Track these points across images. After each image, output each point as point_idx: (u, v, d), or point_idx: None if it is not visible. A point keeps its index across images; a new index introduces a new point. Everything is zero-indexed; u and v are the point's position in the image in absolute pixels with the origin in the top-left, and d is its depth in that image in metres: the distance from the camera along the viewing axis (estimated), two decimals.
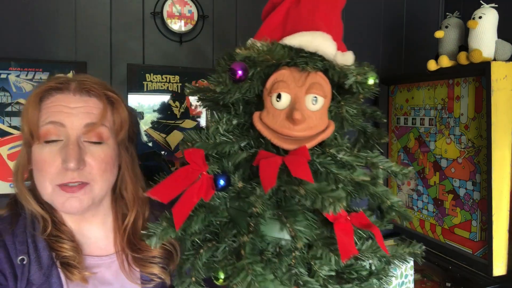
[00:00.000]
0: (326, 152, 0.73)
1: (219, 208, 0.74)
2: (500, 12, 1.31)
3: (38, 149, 0.81)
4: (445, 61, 1.40)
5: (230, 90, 0.71)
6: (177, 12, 1.52)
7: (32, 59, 1.38)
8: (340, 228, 0.69)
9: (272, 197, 0.72)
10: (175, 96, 1.55)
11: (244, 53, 0.71)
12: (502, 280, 1.30)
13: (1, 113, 1.36)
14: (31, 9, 1.38)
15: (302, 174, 0.65)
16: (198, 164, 0.70)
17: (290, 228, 0.68)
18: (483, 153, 1.32)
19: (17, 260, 0.80)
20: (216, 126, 0.74)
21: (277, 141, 0.72)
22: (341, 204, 0.63)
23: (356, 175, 0.71)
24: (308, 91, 0.73)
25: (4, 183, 1.38)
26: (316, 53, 0.74)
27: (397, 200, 0.76)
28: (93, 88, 0.85)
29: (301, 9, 0.77)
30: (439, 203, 1.54)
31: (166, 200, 0.67)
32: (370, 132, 0.83)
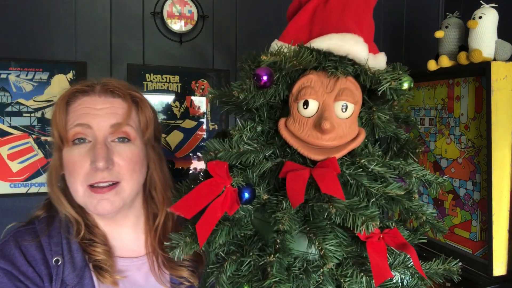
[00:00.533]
0: (357, 162, 0.68)
1: (244, 221, 0.72)
2: (500, 12, 1.30)
3: (67, 152, 0.83)
4: (445, 61, 1.40)
5: (255, 96, 0.67)
6: (177, 12, 1.52)
7: (32, 59, 1.38)
8: (373, 248, 0.65)
9: (299, 211, 0.68)
10: (175, 96, 1.55)
11: (270, 60, 0.67)
12: (502, 280, 1.30)
13: (1, 113, 1.36)
14: (31, 9, 1.38)
15: (332, 190, 0.61)
16: (222, 177, 0.67)
17: (319, 247, 0.64)
18: (483, 153, 1.32)
19: (52, 261, 0.81)
20: (240, 134, 0.70)
21: (304, 150, 0.68)
22: (374, 223, 0.60)
23: (390, 189, 0.66)
24: (338, 98, 0.68)
25: (4, 183, 1.38)
26: (345, 56, 0.69)
27: (431, 212, 0.72)
28: (117, 89, 0.86)
29: (330, 8, 0.72)
30: (439, 203, 1.54)
31: (189, 215, 0.65)
32: (403, 140, 0.77)
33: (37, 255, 0.82)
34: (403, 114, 0.80)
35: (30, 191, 1.42)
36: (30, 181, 1.41)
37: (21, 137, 1.39)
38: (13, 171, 1.39)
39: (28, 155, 1.40)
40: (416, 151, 0.76)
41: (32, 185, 1.42)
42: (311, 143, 0.68)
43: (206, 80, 1.58)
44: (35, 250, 0.82)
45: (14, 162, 1.39)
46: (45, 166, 1.43)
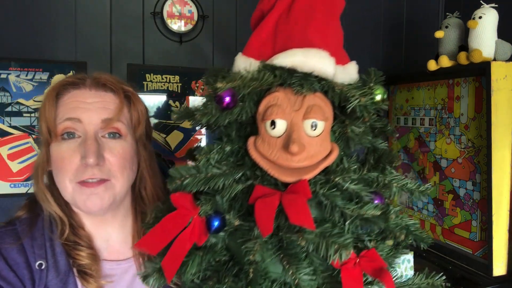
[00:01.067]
0: (331, 180, 0.65)
1: (217, 247, 0.68)
2: (500, 12, 1.31)
3: (56, 147, 0.80)
4: (445, 61, 1.40)
5: (218, 118, 0.65)
6: (177, 12, 1.52)
7: (32, 59, 1.38)
8: (348, 275, 0.62)
9: (273, 237, 0.64)
10: (175, 96, 1.55)
11: (227, 86, 0.63)
12: (502, 280, 1.30)
13: (1, 113, 1.36)
14: (31, 9, 1.38)
15: (302, 221, 0.58)
16: (188, 208, 0.64)
17: (292, 276, 0.61)
18: (483, 153, 1.32)
19: (35, 265, 0.77)
20: (206, 158, 0.66)
21: (275, 172, 0.64)
22: (347, 252, 0.57)
23: (365, 210, 0.62)
24: (306, 116, 0.64)
25: (4, 183, 1.38)
26: (312, 73, 0.65)
27: (412, 223, 0.70)
28: (109, 82, 0.84)
29: (293, 20, 0.68)
30: (439, 203, 1.54)
31: (155, 252, 0.63)
32: (380, 152, 0.74)
33: (19, 258, 0.77)
34: (379, 123, 0.75)
35: (30, 191, 1.42)
36: (30, 181, 1.41)
37: (21, 137, 1.39)
38: (13, 171, 1.39)
39: (28, 155, 1.40)
40: (393, 165, 0.72)
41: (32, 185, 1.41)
42: (281, 165, 0.64)
43: None
44: (17, 254, 0.78)
45: (14, 162, 1.39)
46: None
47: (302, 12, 0.67)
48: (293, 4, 0.68)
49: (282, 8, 0.68)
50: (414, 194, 0.71)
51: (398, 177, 0.70)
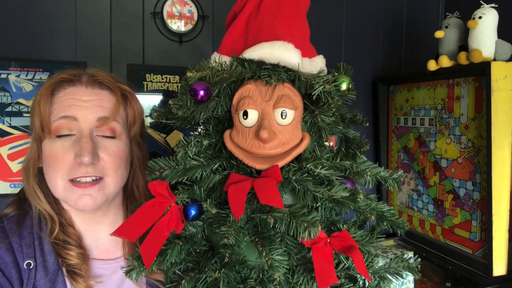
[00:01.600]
0: (303, 167, 0.67)
1: (197, 237, 0.70)
2: (500, 12, 1.30)
3: (49, 144, 0.79)
4: (445, 61, 1.40)
5: (194, 112, 0.67)
6: (177, 12, 1.52)
7: (32, 59, 1.38)
8: (318, 254, 0.65)
9: (248, 222, 0.67)
10: (175, 96, 1.55)
11: (197, 76, 0.66)
12: (502, 280, 1.30)
13: (1, 113, 1.36)
14: (31, 9, 1.38)
15: (271, 200, 0.60)
16: (165, 196, 0.66)
17: (266, 257, 0.63)
18: (483, 153, 1.32)
19: (23, 264, 0.76)
20: (184, 151, 0.69)
21: (248, 161, 0.67)
22: (316, 229, 0.59)
23: (334, 192, 0.65)
24: (276, 105, 0.67)
25: (4, 183, 1.38)
26: (279, 64, 0.69)
27: (387, 209, 0.72)
28: (106, 80, 0.82)
29: (261, 17, 0.72)
30: (439, 203, 1.54)
31: (133, 238, 0.64)
32: (351, 139, 0.77)
33: (7, 257, 0.76)
34: (350, 113, 0.80)
35: None
36: None
37: (21, 137, 1.39)
38: (13, 171, 1.39)
39: None
40: (362, 150, 0.75)
41: None
42: (254, 153, 0.68)
43: None
44: (5, 253, 0.77)
45: (14, 162, 1.39)
46: None
47: (270, 10, 0.72)
48: (262, 3, 0.73)
49: (252, 7, 0.73)
50: (387, 181, 0.74)
51: (371, 166, 0.73)
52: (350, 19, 1.79)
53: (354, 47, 1.80)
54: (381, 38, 1.88)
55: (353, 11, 1.79)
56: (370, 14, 1.84)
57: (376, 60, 1.87)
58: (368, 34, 1.85)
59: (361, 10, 1.82)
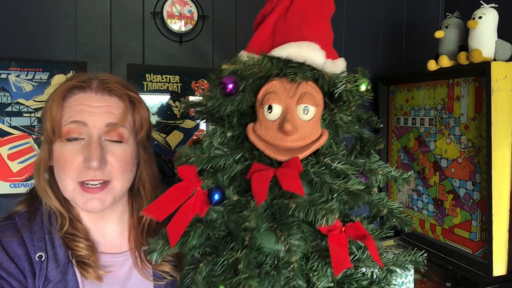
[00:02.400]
0: (321, 161, 0.72)
1: (217, 222, 0.74)
2: (500, 12, 1.31)
3: (59, 147, 0.83)
4: (445, 61, 1.40)
5: (222, 104, 0.72)
6: (177, 12, 1.52)
7: (32, 59, 1.38)
8: (334, 240, 0.69)
9: (267, 210, 0.71)
10: (175, 96, 1.55)
11: (230, 68, 0.71)
12: (502, 280, 1.30)
13: (1, 113, 1.36)
14: (31, 9, 1.38)
15: (293, 187, 0.64)
16: (192, 180, 0.70)
17: (284, 241, 0.67)
18: (483, 153, 1.32)
19: (35, 256, 0.80)
20: (210, 140, 0.74)
21: (270, 152, 0.72)
22: (333, 216, 0.63)
23: (350, 184, 0.70)
24: (299, 101, 0.72)
25: (4, 183, 1.38)
26: (305, 63, 0.74)
27: (397, 206, 0.75)
28: (115, 88, 0.86)
29: (289, 19, 0.77)
30: (439, 203, 1.54)
31: (161, 218, 0.68)
32: (366, 138, 0.82)
33: (19, 251, 0.80)
34: (366, 114, 0.85)
35: None
36: (30, 181, 1.41)
37: (21, 137, 1.39)
38: (13, 171, 1.39)
39: (28, 155, 1.40)
40: (376, 148, 0.81)
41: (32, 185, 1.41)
42: (277, 145, 0.72)
43: (206, 80, 1.58)
44: (17, 246, 0.81)
45: (14, 162, 1.39)
46: None
47: (298, 14, 0.78)
48: (290, 7, 0.78)
49: (281, 11, 0.79)
50: (397, 181, 0.78)
51: (383, 165, 0.78)
52: (350, 19, 1.79)
53: (354, 47, 1.80)
54: (381, 38, 1.88)
55: (353, 11, 1.79)
56: (370, 14, 1.85)
57: (376, 60, 1.87)
58: (368, 34, 1.85)
59: (361, 10, 1.82)
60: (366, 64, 1.86)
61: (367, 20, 1.84)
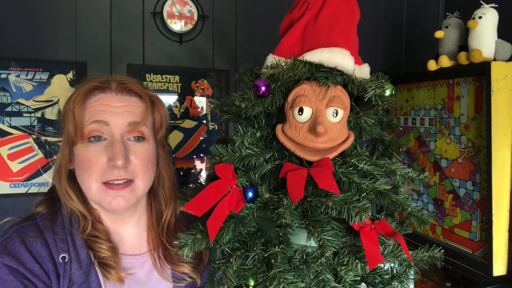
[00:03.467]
0: (348, 162, 0.76)
1: (247, 219, 0.78)
2: (500, 12, 1.30)
3: (82, 148, 0.83)
4: (445, 61, 1.40)
5: (254, 105, 0.75)
6: (177, 12, 1.52)
7: (32, 59, 1.38)
8: (366, 237, 0.72)
9: (298, 207, 0.75)
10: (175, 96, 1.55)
11: (269, 72, 0.74)
12: (502, 280, 1.30)
13: (1, 113, 1.36)
14: (31, 9, 1.38)
15: (329, 186, 0.68)
16: (228, 178, 0.73)
17: (318, 237, 0.70)
18: (483, 153, 1.32)
19: (58, 258, 0.80)
20: (241, 140, 0.77)
21: (301, 152, 0.75)
22: (366, 214, 0.67)
23: (378, 184, 0.74)
24: (329, 105, 0.76)
25: (4, 183, 1.38)
26: (335, 68, 0.77)
27: (415, 206, 0.79)
28: (135, 87, 0.87)
29: (319, 25, 0.80)
30: (439, 203, 1.54)
31: (200, 213, 0.71)
32: (388, 141, 0.85)
33: (43, 252, 0.80)
34: (386, 118, 0.89)
35: (30, 191, 1.42)
36: (30, 181, 1.41)
37: (21, 137, 1.39)
38: (13, 171, 1.39)
39: (28, 155, 1.40)
40: (400, 150, 0.84)
41: (32, 185, 1.42)
42: (306, 146, 0.75)
43: (206, 80, 1.58)
44: (41, 247, 0.81)
45: (14, 162, 1.39)
46: (45, 166, 1.43)
47: (327, 19, 0.80)
48: (320, 13, 0.80)
49: (310, 16, 0.81)
50: (414, 181, 0.81)
51: (401, 166, 0.81)
52: None
53: None
54: (381, 38, 1.88)
55: None
56: (370, 14, 1.85)
57: (376, 60, 1.87)
58: (368, 34, 1.85)
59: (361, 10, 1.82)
60: None
61: (367, 20, 1.84)
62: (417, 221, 0.81)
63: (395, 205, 0.78)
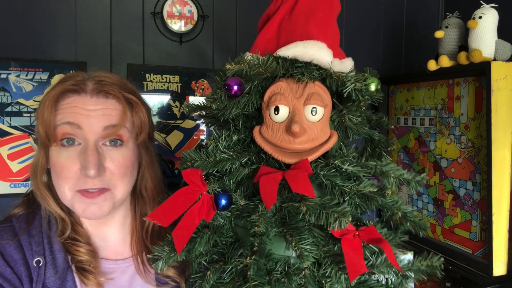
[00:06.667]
0: (330, 163, 0.70)
1: (224, 228, 0.72)
2: (500, 12, 1.30)
3: (55, 152, 0.79)
4: (445, 61, 1.40)
5: (227, 106, 0.69)
6: (177, 12, 1.52)
7: (32, 59, 1.38)
8: (348, 245, 0.66)
9: (276, 214, 0.69)
10: (175, 96, 1.55)
11: (234, 68, 0.69)
12: (502, 280, 1.30)
13: (1, 113, 1.36)
14: (31, 9, 1.38)
15: (303, 189, 0.62)
16: (197, 184, 0.68)
17: (296, 247, 0.65)
18: (483, 153, 1.32)
19: (33, 262, 0.77)
20: (215, 144, 0.72)
21: (278, 155, 0.69)
22: (346, 220, 0.61)
23: (363, 187, 0.67)
24: (307, 102, 0.70)
25: (4, 183, 1.38)
26: (311, 62, 0.71)
27: (411, 210, 0.73)
28: (111, 90, 0.81)
29: (294, 19, 0.75)
30: (439, 203, 1.54)
31: (166, 223, 0.65)
32: (377, 140, 0.79)
33: (16, 255, 0.77)
34: (375, 116, 0.82)
35: None
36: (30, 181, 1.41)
37: (21, 137, 1.39)
38: (13, 171, 1.39)
39: (28, 155, 1.40)
40: (388, 149, 0.78)
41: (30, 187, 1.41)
42: (284, 147, 0.70)
43: (206, 80, 1.58)
44: (14, 250, 0.77)
45: (14, 162, 1.39)
46: None
47: (303, 13, 0.75)
48: (296, 6, 0.76)
49: (286, 10, 0.76)
50: (410, 184, 0.75)
51: (395, 167, 0.74)
52: (350, 19, 1.79)
53: (354, 47, 1.80)
54: (381, 38, 1.88)
55: (353, 11, 1.79)
56: (370, 14, 1.84)
57: (376, 60, 1.87)
58: (368, 34, 1.85)
59: (361, 10, 1.82)
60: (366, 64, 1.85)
61: (367, 20, 1.84)
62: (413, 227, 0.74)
63: (383, 209, 0.71)
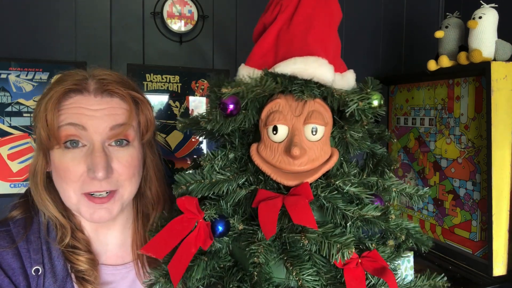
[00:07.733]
0: (332, 184, 0.66)
1: (221, 252, 0.69)
2: (500, 12, 1.30)
3: (58, 154, 0.75)
4: (445, 61, 1.40)
5: (222, 126, 0.66)
6: (177, 12, 1.52)
7: (32, 59, 1.38)
8: (351, 276, 0.63)
9: (276, 240, 0.66)
10: (175, 96, 1.55)
11: (232, 91, 0.64)
12: (502, 280, 1.30)
13: (1, 113, 1.36)
14: (31, 9, 1.38)
15: (304, 220, 0.59)
16: (193, 212, 0.65)
17: (296, 277, 0.61)
18: (483, 153, 1.32)
19: (31, 270, 0.74)
20: (211, 164, 0.68)
21: (277, 176, 0.66)
22: (349, 250, 0.58)
23: (366, 211, 0.64)
24: (307, 121, 0.66)
25: (4, 183, 1.38)
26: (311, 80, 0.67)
27: (413, 226, 0.71)
28: (115, 89, 0.78)
29: (293, 30, 0.70)
30: (439, 203, 1.54)
31: (161, 256, 0.63)
32: (379, 156, 0.75)
33: (14, 263, 0.74)
34: (377, 129, 0.78)
35: None
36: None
37: (21, 137, 1.39)
38: (13, 171, 1.39)
39: (28, 155, 1.40)
40: (391, 168, 0.74)
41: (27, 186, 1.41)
42: (283, 169, 0.66)
43: (206, 80, 1.58)
44: (12, 258, 0.74)
45: (14, 162, 1.39)
46: None
47: (302, 23, 0.70)
48: (294, 16, 0.70)
49: (284, 20, 0.71)
50: (413, 198, 0.73)
51: (396, 182, 0.72)
52: (350, 19, 1.79)
53: (354, 47, 1.80)
54: (381, 38, 1.88)
55: (353, 11, 1.79)
56: (370, 14, 1.84)
57: (376, 60, 1.87)
58: (368, 34, 1.85)
59: (361, 10, 1.82)
60: (366, 64, 1.86)
61: (367, 20, 1.84)
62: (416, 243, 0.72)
63: (386, 233, 0.69)
